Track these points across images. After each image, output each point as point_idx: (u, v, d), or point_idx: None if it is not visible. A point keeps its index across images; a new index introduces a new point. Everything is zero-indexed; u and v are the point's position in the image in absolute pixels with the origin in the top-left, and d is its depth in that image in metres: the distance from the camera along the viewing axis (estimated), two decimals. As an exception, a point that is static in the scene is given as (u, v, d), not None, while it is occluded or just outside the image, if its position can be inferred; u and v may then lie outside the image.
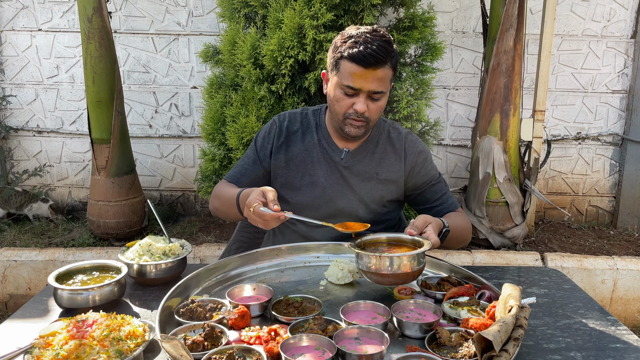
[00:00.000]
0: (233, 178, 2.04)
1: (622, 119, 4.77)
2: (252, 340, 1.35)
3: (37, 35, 4.62)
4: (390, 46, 1.77)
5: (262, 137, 2.05)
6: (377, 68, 1.74)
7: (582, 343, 1.40)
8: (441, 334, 1.34)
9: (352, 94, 1.81)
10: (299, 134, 2.02)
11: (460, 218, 1.98)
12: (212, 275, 1.72)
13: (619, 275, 3.67)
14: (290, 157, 2.00)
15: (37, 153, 4.82)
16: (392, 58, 1.78)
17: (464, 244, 2.02)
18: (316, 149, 2.00)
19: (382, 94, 1.82)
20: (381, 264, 1.52)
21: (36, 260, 3.66)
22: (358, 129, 1.86)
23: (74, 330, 1.11)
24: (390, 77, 1.82)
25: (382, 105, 1.85)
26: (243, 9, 3.55)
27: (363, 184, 1.98)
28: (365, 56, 1.72)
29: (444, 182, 2.07)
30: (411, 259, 1.52)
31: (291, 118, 2.05)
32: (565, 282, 1.80)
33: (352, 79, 1.77)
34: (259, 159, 2.03)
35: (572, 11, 4.58)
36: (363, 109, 1.80)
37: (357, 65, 1.74)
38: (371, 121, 1.86)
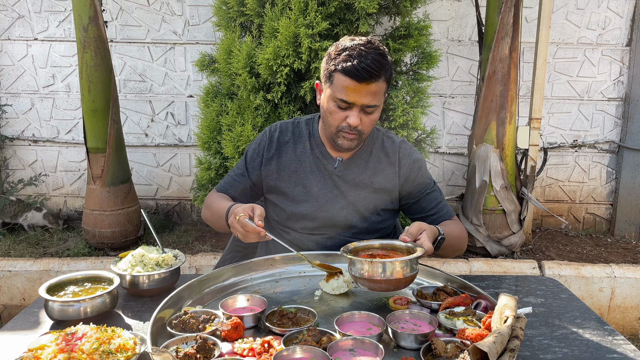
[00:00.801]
0: (222, 188, 2.05)
1: (619, 126, 4.78)
2: (245, 352, 1.33)
3: (33, 44, 4.61)
4: (385, 59, 1.76)
5: (252, 149, 2.04)
6: (370, 82, 1.73)
7: (579, 353, 1.39)
8: (437, 345, 1.32)
9: (345, 107, 1.79)
10: (291, 144, 2.01)
11: (456, 226, 1.96)
12: (206, 286, 1.70)
13: (616, 284, 3.65)
14: (283, 167, 1.99)
15: (32, 162, 4.81)
16: (386, 71, 1.76)
17: (460, 252, 2.01)
18: (309, 159, 1.99)
19: (376, 108, 1.80)
20: (374, 270, 1.50)
21: (30, 270, 3.63)
22: (351, 141, 1.85)
23: (63, 344, 1.09)
24: (384, 90, 1.81)
25: (375, 118, 1.83)
26: (239, 18, 3.55)
27: (357, 192, 1.97)
28: (359, 71, 1.71)
29: (438, 191, 2.05)
30: (404, 265, 1.51)
31: (282, 128, 2.04)
32: (562, 291, 1.79)
33: (345, 92, 1.75)
34: (247, 171, 2.03)
35: (567, 19, 4.60)
36: (356, 122, 1.78)
37: (351, 79, 1.73)
38: (364, 134, 1.85)
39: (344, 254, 1.58)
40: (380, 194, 1.99)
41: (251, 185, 2.03)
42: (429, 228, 1.68)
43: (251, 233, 1.61)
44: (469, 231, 4.09)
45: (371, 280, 1.51)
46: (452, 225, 1.95)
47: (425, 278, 1.79)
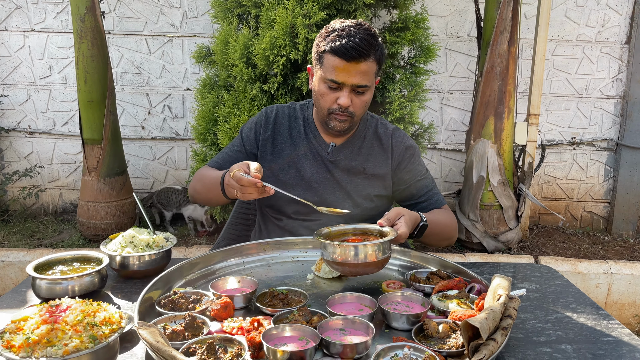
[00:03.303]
0: (216, 164, 2.00)
1: (617, 124, 4.76)
2: (234, 331, 1.31)
3: (30, 35, 4.59)
4: (374, 39, 1.75)
5: (248, 127, 2.03)
6: (360, 61, 1.71)
7: (573, 336, 1.37)
8: (428, 326, 1.30)
9: (335, 88, 1.78)
10: (286, 127, 2.00)
11: (444, 214, 1.94)
12: (197, 268, 1.68)
13: (613, 280, 3.64)
14: (278, 151, 1.98)
15: (28, 154, 4.78)
16: (376, 51, 1.75)
17: (449, 241, 1.98)
18: (303, 143, 1.98)
19: (367, 88, 1.79)
20: (345, 253, 1.47)
21: (24, 260, 3.61)
22: (342, 123, 1.84)
23: (47, 315, 1.07)
24: (375, 71, 1.80)
25: (367, 99, 1.82)
26: (236, 9, 3.53)
27: (349, 178, 1.96)
28: (347, 49, 1.69)
29: (430, 179, 2.03)
30: (375, 249, 1.47)
31: (279, 111, 2.03)
32: (556, 277, 1.77)
33: (335, 72, 1.74)
34: (244, 147, 2.00)
35: (567, 16, 4.59)
36: (347, 103, 1.77)
37: (340, 58, 1.71)
38: (356, 116, 1.84)
39: (316, 237, 1.54)
40: (373, 180, 1.97)
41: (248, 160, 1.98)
42: (408, 213, 1.65)
43: (248, 187, 1.54)
44: (465, 227, 4.08)
45: (342, 264, 1.48)
46: (440, 214, 1.93)
47: (419, 262, 1.77)
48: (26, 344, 1.01)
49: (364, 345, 1.21)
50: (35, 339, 1.02)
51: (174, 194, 4.34)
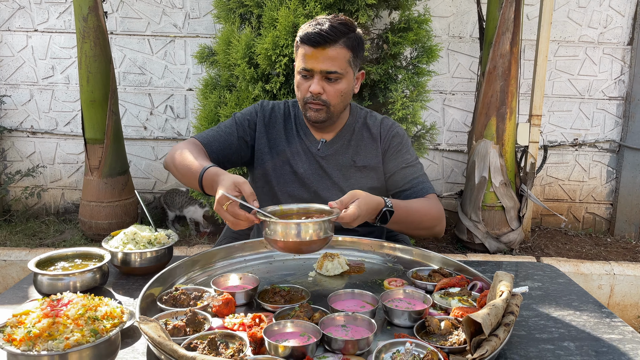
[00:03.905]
0: (204, 139, 1.92)
1: (619, 125, 4.75)
2: (235, 327, 1.30)
3: (33, 35, 4.60)
4: (346, 27, 1.76)
5: (243, 114, 2.01)
6: (326, 47, 1.73)
7: (576, 334, 1.36)
8: (430, 322, 1.30)
9: (307, 76, 1.80)
10: (281, 123, 2.00)
11: (423, 202, 1.86)
12: (198, 265, 1.68)
13: (615, 281, 3.62)
14: (273, 145, 1.98)
15: (30, 154, 4.79)
16: (346, 38, 1.75)
17: (428, 231, 1.87)
18: (294, 140, 1.98)
19: (338, 75, 1.78)
20: (285, 231, 1.42)
21: (26, 260, 3.61)
22: (317, 112, 1.83)
23: (48, 309, 1.07)
24: (348, 59, 1.79)
25: (341, 88, 1.81)
26: (238, 9, 3.54)
27: (341, 173, 1.95)
28: (312, 35, 1.73)
29: (418, 168, 1.97)
30: (316, 228, 1.42)
31: (275, 107, 2.04)
32: (559, 276, 1.76)
33: (304, 60, 1.77)
34: (236, 131, 1.95)
35: (569, 17, 4.59)
36: (316, 89, 1.78)
37: (308, 45, 1.75)
38: (332, 105, 1.83)
39: (258, 213, 1.46)
40: (365, 172, 1.96)
41: (238, 144, 1.95)
42: (365, 197, 1.56)
43: (243, 222, 1.47)
44: (467, 228, 4.07)
45: (280, 241, 1.43)
46: (419, 201, 1.86)
47: (421, 260, 1.76)
48: (27, 337, 1.01)
49: (366, 342, 1.21)
50: (37, 333, 1.02)
51: (177, 196, 4.35)
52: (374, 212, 1.61)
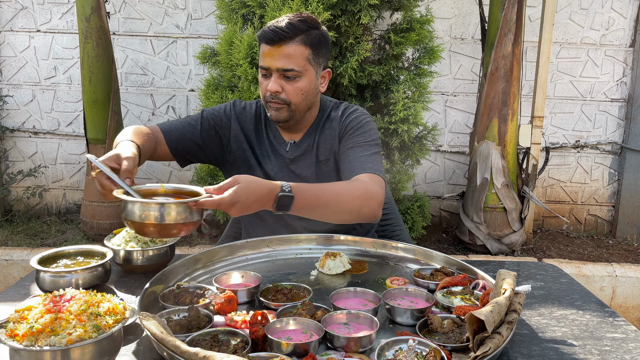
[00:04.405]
0: (165, 127, 1.87)
1: (621, 127, 4.75)
2: (238, 324, 1.30)
3: (36, 36, 4.61)
4: (305, 24, 1.72)
5: (212, 109, 1.94)
6: (282, 44, 1.70)
7: (579, 333, 1.36)
8: (433, 321, 1.29)
9: (266, 75, 1.76)
10: (252, 124, 1.95)
11: (345, 183, 1.68)
12: (200, 263, 1.68)
13: (617, 283, 3.62)
14: (246, 148, 1.93)
15: (32, 154, 4.79)
16: (304, 35, 1.72)
17: (352, 215, 1.65)
18: (264, 143, 1.93)
19: (295, 73, 1.73)
20: (140, 211, 1.30)
21: (27, 259, 3.61)
22: (278, 112, 1.78)
23: (51, 305, 1.07)
24: (306, 56, 1.74)
25: (300, 86, 1.76)
26: (241, 9, 3.54)
27: (311, 173, 1.90)
28: (267, 33, 1.70)
29: (365, 148, 1.80)
30: (178, 209, 1.31)
31: (246, 107, 1.97)
32: (562, 276, 1.76)
33: (262, 58, 1.74)
34: (200, 125, 1.89)
35: (571, 19, 4.59)
36: (274, 87, 1.73)
37: (264, 43, 1.72)
38: (292, 104, 1.77)
39: (116, 191, 1.37)
40: (328, 166, 1.89)
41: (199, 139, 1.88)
42: (249, 182, 1.40)
43: (108, 193, 1.39)
44: (469, 229, 4.07)
45: (136, 223, 1.32)
46: (339, 183, 1.69)
47: (423, 259, 1.76)
48: (30, 332, 1.01)
49: (368, 339, 1.20)
50: (39, 328, 1.01)
51: None
52: (265, 198, 1.43)
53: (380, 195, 1.66)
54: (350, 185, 1.66)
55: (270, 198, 1.44)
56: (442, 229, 4.74)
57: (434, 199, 4.81)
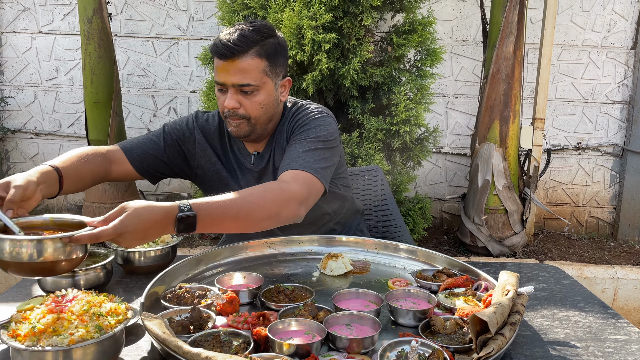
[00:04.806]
0: (126, 146, 1.80)
1: (623, 129, 4.75)
2: (240, 325, 1.30)
3: (38, 37, 4.62)
4: (259, 34, 1.64)
5: (173, 123, 1.89)
6: (235, 59, 1.62)
7: (582, 334, 1.35)
8: (435, 322, 1.29)
9: (222, 90, 1.69)
10: (216, 136, 1.89)
11: (257, 188, 1.52)
12: (202, 264, 1.68)
13: (619, 285, 3.61)
14: (215, 161, 1.88)
15: (34, 155, 4.80)
16: (258, 46, 1.64)
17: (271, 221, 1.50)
18: (230, 156, 1.87)
19: (252, 87, 1.66)
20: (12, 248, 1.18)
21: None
22: (237, 127, 1.72)
23: (53, 305, 1.07)
24: (262, 68, 1.66)
25: (259, 100, 1.69)
26: (242, 11, 3.54)
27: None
28: (219, 47, 1.62)
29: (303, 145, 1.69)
30: (49, 246, 1.18)
31: (209, 119, 1.90)
32: (564, 277, 1.76)
33: (217, 73, 1.67)
34: (163, 140, 1.84)
35: (572, 21, 4.59)
36: (231, 104, 1.66)
37: (217, 58, 1.65)
38: (252, 118, 1.71)
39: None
40: None
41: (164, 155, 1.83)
42: (139, 209, 1.26)
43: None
44: (470, 231, 4.06)
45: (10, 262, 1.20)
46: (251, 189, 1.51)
47: (426, 261, 1.76)
48: (32, 333, 1.01)
49: (371, 340, 1.20)
50: (41, 328, 1.01)
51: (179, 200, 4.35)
52: (161, 222, 1.29)
53: (300, 194, 1.54)
54: (262, 190, 1.50)
55: (169, 221, 1.30)
56: (443, 231, 4.74)
57: (435, 200, 4.81)
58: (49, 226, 1.34)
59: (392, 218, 2.35)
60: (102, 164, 1.72)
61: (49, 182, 1.48)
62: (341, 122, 3.55)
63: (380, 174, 2.44)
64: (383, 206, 2.40)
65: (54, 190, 1.52)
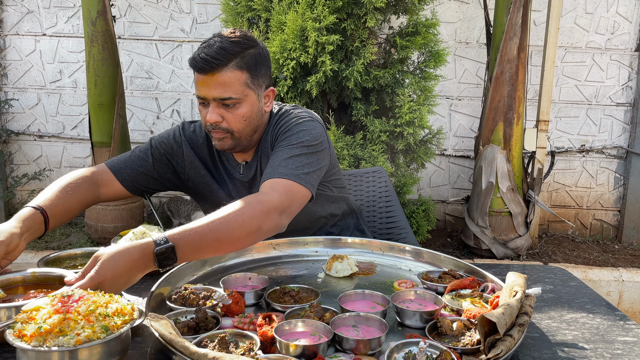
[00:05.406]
0: (114, 166, 1.78)
1: (627, 131, 4.74)
2: (245, 326, 1.29)
3: (42, 39, 4.63)
4: (238, 46, 1.60)
5: (160, 137, 1.86)
6: (215, 72, 1.58)
7: (590, 336, 1.34)
8: (442, 323, 1.28)
9: (204, 103, 1.66)
10: (205, 147, 1.86)
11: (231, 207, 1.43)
12: (207, 265, 1.67)
13: (624, 287, 3.59)
14: (204, 174, 1.86)
15: (37, 157, 4.80)
16: (238, 58, 1.61)
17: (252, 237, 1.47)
18: (219, 167, 1.85)
19: (235, 100, 1.63)
20: None
21: (32, 262, 3.61)
22: (222, 141, 1.69)
23: (59, 305, 1.06)
24: (244, 81, 1.63)
25: (242, 113, 1.66)
26: (246, 13, 3.55)
27: None
28: (197, 61, 1.59)
29: (285, 152, 1.65)
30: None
31: (196, 130, 1.87)
32: (570, 279, 1.75)
33: (197, 87, 1.63)
34: (151, 156, 1.82)
35: (576, 23, 4.58)
36: (213, 118, 1.63)
37: (197, 72, 1.61)
38: (235, 132, 1.68)
39: None
40: None
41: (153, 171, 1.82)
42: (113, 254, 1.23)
43: None
44: (474, 233, 4.05)
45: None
46: (226, 209, 1.43)
47: (432, 262, 1.75)
48: (38, 333, 1.00)
49: (378, 342, 1.19)
50: (47, 329, 1.01)
51: (182, 204, 4.36)
52: (140, 261, 1.26)
53: (279, 203, 1.50)
54: (240, 206, 1.44)
55: (147, 259, 1.27)
56: (446, 234, 4.73)
57: (439, 203, 4.80)
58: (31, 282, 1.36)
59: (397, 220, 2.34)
60: (89, 190, 1.71)
61: (33, 228, 1.48)
62: (345, 124, 3.55)
63: (384, 176, 2.43)
64: (387, 208, 2.39)
65: (40, 232, 1.51)
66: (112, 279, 1.22)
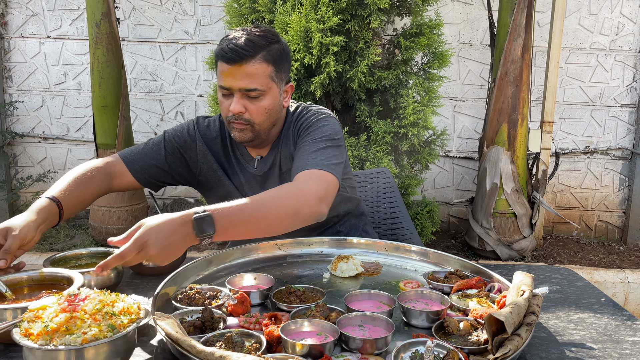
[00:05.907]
0: (127, 157, 1.80)
1: (631, 133, 4.72)
2: (251, 325, 1.29)
3: (46, 42, 4.65)
4: (265, 40, 1.64)
5: (174, 130, 1.88)
6: (242, 63, 1.60)
7: (598, 336, 1.34)
8: (449, 323, 1.27)
9: (227, 95, 1.67)
10: (218, 142, 1.87)
11: (273, 190, 1.49)
12: (212, 265, 1.67)
13: (630, 289, 3.58)
14: (216, 168, 1.87)
15: (41, 159, 4.82)
16: (265, 51, 1.63)
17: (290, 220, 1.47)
18: (232, 161, 1.86)
19: (259, 92, 1.66)
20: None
21: (36, 264, 3.61)
22: (242, 132, 1.71)
23: (65, 304, 1.06)
24: (269, 73, 1.66)
25: (265, 105, 1.68)
26: (250, 14, 3.55)
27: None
28: (226, 52, 1.60)
29: (312, 145, 1.68)
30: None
31: (210, 124, 1.89)
32: (577, 279, 1.74)
33: (222, 78, 1.65)
34: (164, 149, 1.83)
35: (580, 24, 4.58)
36: (236, 109, 1.65)
37: (224, 62, 1.62)
38: (256, 124, 1.70)
39: None
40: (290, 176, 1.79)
41: (165, 164, 1.82)
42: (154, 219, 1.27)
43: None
44: (479, 235, 4.04)
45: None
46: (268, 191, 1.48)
47: (438, 263, 1.74)
48: (45, 332, 1.00)
49: (384, 341, 1.19)
50: (54, 327, 1.01)
51: (186, 206, 4.37)
52: (181, 228, 1.28)
53: (318, 190, 1.52)
54: (277, 191, 1.49)
55: (188, 227, 1.29)
56: (450, 235, 4.72)
57: (443, 204, 4.79)
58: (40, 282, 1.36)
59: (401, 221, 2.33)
60: (102, 181, 1.72)
61: (49, 219, 1.50)
62: (348, 125, 3.55)
63: (389, 177, 2.43)
64: (392, 209, 2.39)
65: (54, 223, 1.54)
66: (155, 244, 1.24)
